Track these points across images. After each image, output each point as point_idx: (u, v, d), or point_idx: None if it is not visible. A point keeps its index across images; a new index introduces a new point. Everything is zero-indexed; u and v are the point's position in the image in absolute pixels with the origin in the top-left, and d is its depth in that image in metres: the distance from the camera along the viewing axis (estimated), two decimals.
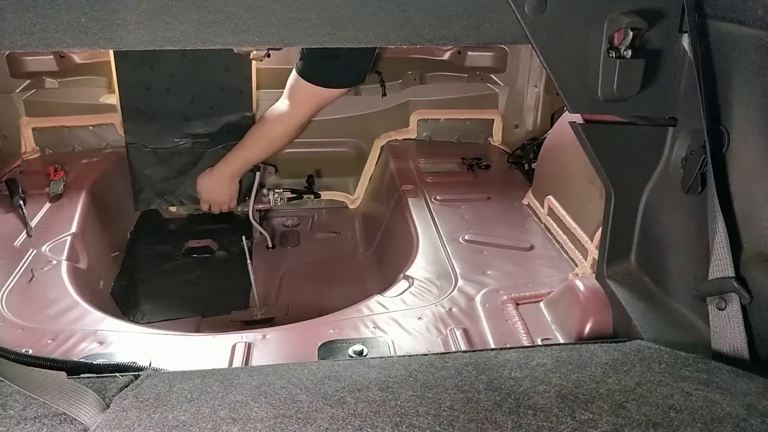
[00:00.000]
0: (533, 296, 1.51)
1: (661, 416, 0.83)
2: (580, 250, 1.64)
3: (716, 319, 1.00)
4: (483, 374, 0.94)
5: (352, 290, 1.92)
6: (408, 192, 2.11)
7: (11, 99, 2.41)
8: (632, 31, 1.05)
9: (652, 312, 1.19)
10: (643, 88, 1.10)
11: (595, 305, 1.30)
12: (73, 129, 2.43)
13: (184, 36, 1.01)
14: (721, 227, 0.97)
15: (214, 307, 1.97)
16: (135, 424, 0.83)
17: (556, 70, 1.10)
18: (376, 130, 2.58)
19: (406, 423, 0.82)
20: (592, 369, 0.95)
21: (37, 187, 2.07)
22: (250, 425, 0.82)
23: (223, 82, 2.35)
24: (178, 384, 0.93)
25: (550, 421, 0.82)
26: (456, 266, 1.65)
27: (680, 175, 1.12)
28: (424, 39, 1.05)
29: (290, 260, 2.31)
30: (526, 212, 1.98)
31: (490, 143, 2.60)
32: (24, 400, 0.88)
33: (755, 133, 0.97)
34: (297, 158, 2.56)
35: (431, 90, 2.61)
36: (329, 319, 1.47)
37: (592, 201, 1.58)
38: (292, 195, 2.45)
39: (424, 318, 1.44)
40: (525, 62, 2.53)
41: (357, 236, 2.47)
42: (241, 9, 1.00)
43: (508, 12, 1.04)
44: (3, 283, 1.58)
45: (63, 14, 0.97)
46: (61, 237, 1.82)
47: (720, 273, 0.98)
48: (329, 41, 1.04)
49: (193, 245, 2.32)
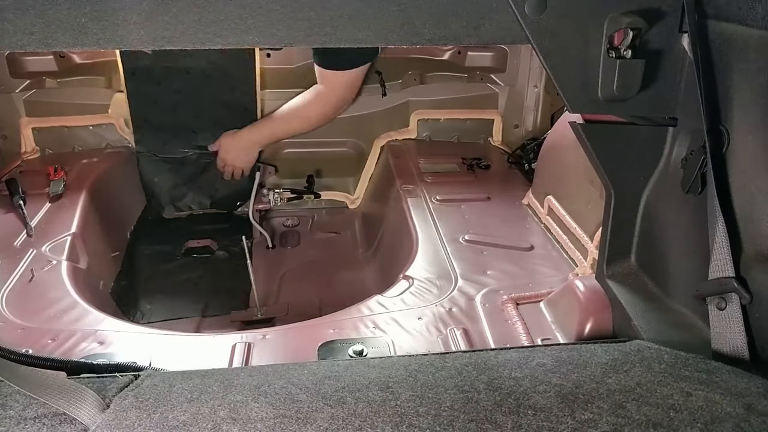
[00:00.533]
0: (533, 296, 1.51)
1: (661, 416, 0.83)
2: (580, 250, 1.64)
3: (716, 319, 1.00)
4: (483, 374, 0.94)
5: (352, 290, 1.92)
6: (408, 192, 2.11)
7: (11, 99, 2.41)
8: (632, 31, 1.05)
9: (652, 312, 1.19)
10: (643, 88, 1.10)
11: (595, 305, 1.30)
12: (73, 129, 2.44)
13: (184, 36, 1.01)
14: (721, 227, 0.97)
15: (214, 307, 1.97)
16: (135, 424, 0.83)
17: (556, 70, 1.10)
18: (376, 130, 2.58)
19: (406, 423, 0.82)
20: (592, 369, 0.95)
21: (37, 187, 2.07)
22: (250, 425, 0.82)
23: (228, 99, 2.37)
24: (178, 384, 0.93)
25: (550, 421, 0.82)
26: (456, 266, 1.65)
27: (680, 175, 1.12)
28: (424, 39, 1.05)
29: (290, 260, 2.31)
30: (526, 212, 1.98)
31: (490, 143, 2.60)
32: (24, 400, 0.88)
33: (755, 133, 0.97)
34: (297, 158, 2.56)
35: (431, 90, 2.61)
36: (329, 319, 1.47)
37: (592, 201, 1.58)
38: (292, 195, 2.45)
39: (424, 318, 1.44)
40: (525, 62, 2.53)
41: (357, 236, 2.47)
42: (241, 9, 1.00)
43: (508, 12, 1.04)
44: (3, 283, 1.58)
45: (63, 14, 0.97)
46: (61, 237, 1.82)
47: (720, 273, 0.98)
48: (329, 41, 1.04)
49: (193, 245, 2.32)
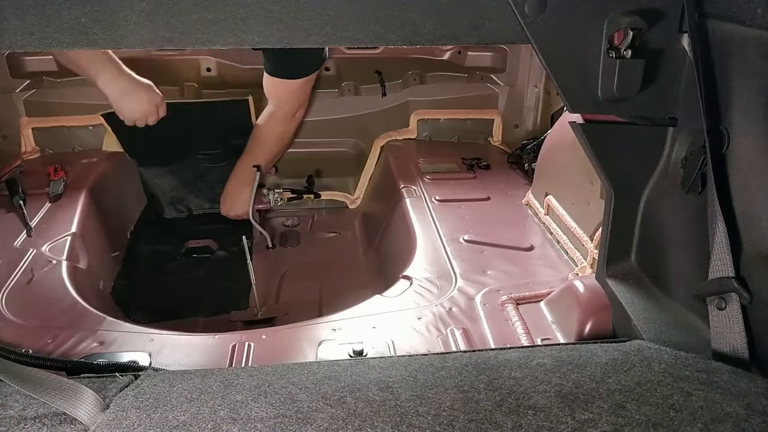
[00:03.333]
0: (533, 296, 1.51)
1: (661, 416, 0.83)
2: (579, 250, 1.64)
3: (716, 319, 1.00)
4: (483, 374, 0.94)
5: (352, 290, 1.92)
6: (408, 192, 2.11)
7: (11, 99, 2.41)
8: (632, 31, 1.05)
9: (652, 312, 1.19)
10: (643, 88, 1.10)
11: (595, 305, 1.30)
12: (73, 129, 2.44)
13: (184, 36, 1.01)
14: (721, 227, 0.97)
15: (214, 307, 1.97)
16: (135, 424, 0.83)
17: (556, 70, 1.10)
18: (376, 130, 2.58)
19: (406, 423, 0.82)
20: (592, 369, 0.95)
21: (37, 187, 2.07)
22: (250, 425, 0.82)
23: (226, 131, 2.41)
24: (178, 384, 0.93)
25: (550, 421, 0.82)
26: (456, 266, 1.65)
27: (680, 175, 1.12)
28: (424, 39, 1.05)
29: (290, 260, 2.31)
30: (525, 212, 1.98)
31: (490, 143, 2.60)
32: (24, 400, 0.88)
33: (755, 133, 0.97)
34: (297, 158, 2.56)
35: (431, 90, 2.61)
36: (329, 319, 1.47)
37: (592, 201, 1.58)
38: (292, 195, 2.45)
39: (424, 318, 1.44)
40: (525, 62, 2.53)
41: (357, 236, 2.47)
42: (241, 9, 1.00)
43: (508, 12, 1.04)
44: (3, 283, 1.58)
45: (63, 14, 0.97)
46: (61, 237, 1.82)
47: (720, 273, 0.98)
48: (329, 41, 1.04)
49: (193, 245, 2.31)
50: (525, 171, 2.29)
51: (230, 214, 2.40)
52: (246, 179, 2.34)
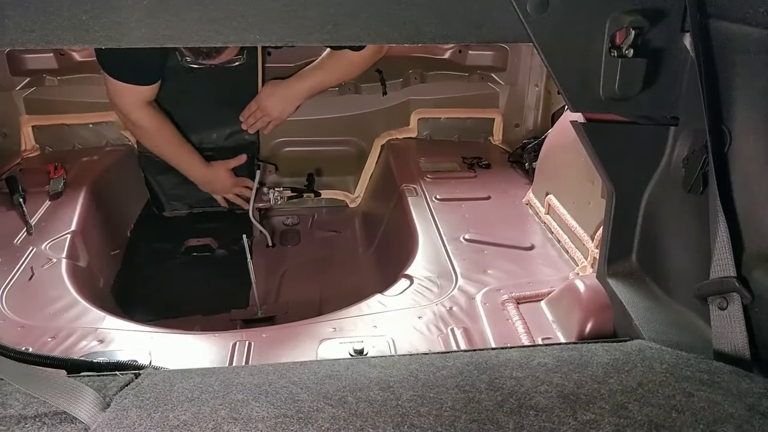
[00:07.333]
0: (534, 295, 1.50)
1: (663, 417, 0.82)
2: (580, 250, 1.63)
3: (717, 319, 0.99)
4: (484, 374, 0.94)
5: (352, 289, 1.91)
6: (408, 191, 2.11)
7: (11, 97, 2.41)
8: (634, 30, 1.04)
9: (653, 312, 1.19)
10: (644, 87, 1.09)
11: (596, 305, 1.29)
12: (73, 127, 2.43)
13: (185, 33, 1.00)
14: (723, 227, 0.97)
15: (214, 306, 1.97)
16: (135, 423, 0.83)
17: (558, 69, 1.10)
18: (376, 129, 2.57)
19: (408, 423, 0.82)
20: (593, 369, 0.95)
21: (37, 185, 2.07)
22: (251, 425, 0.82)
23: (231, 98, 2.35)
24: (179, 383, 0.93)
25: (552, 422, 0.82)
26: (456, 265, 1.65)
27: (682, 175, 1.11)
28: (425, 38, 1.05)
29: (290, 259, 2.31)
30: (526, 211, 1.98)
31: (490, 142, 2.60)
32: (24, 399, 0.88)
33: (757, 133, 0.96)
34: (297, 157, 2.55)
35: (432, 89, 2.60)
36: (329, 317, 1.47)
37: (592, 200, 1.57)
38: (292, 194, 2.45)
39: (425, 317, 1.44)
40: (526, 61, 2.52)
41: (357, 235, 2.47)
42: (242, 6, 0.99)
43: (510, 11, 1.03)
44: (3, 281, 1.58)
45: (64, 11, 0.96)
46: (61, 235, 1.81)
47: (721, 272, 0.98)
48: (330, 39, 1.04)
49: (194, 243, 2.31)
50: (525, 170, 2.29)
51: (265, 105, 2.32)
52: (306, 90, 2.27)
